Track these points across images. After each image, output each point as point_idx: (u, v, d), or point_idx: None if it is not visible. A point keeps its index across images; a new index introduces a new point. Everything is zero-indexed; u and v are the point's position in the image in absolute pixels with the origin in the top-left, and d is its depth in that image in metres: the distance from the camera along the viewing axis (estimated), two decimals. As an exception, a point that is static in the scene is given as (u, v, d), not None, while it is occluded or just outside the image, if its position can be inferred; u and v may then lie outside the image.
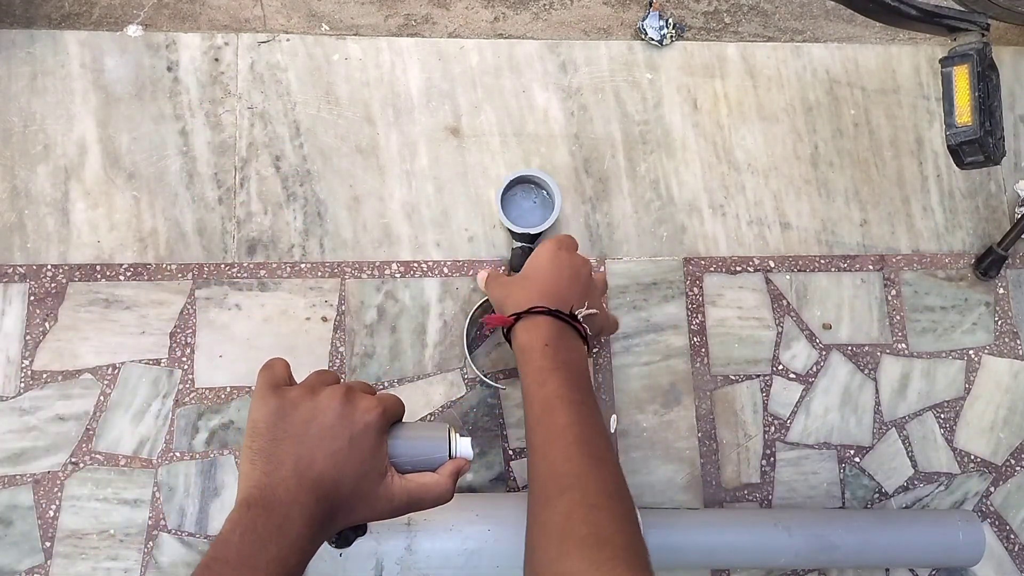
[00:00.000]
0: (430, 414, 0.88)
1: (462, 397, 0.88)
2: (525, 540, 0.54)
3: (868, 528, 0.81)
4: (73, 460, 0.83)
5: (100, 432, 0.84)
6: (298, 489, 0.47)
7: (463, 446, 0.58)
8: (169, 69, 0.93)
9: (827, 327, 0.94)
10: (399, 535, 0.72)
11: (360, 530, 0.57)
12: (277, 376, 0.53)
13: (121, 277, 0.88)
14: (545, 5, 1.01)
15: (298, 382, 0.55)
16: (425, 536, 0.73)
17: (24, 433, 0.84)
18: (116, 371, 0.86)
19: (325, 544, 0.53)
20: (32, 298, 0.87)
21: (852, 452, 0.92)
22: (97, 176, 0.90)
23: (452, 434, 0.58)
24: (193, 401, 0.86)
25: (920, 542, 0.82)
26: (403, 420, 0.58)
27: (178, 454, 0.85)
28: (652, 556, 0.57)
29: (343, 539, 0.56)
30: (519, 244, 0.89)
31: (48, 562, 0.81)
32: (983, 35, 0.80)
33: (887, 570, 0.90)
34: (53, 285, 0.87)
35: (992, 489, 0.93)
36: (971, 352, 0.96)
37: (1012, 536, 0.92)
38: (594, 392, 0.67)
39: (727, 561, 0.82)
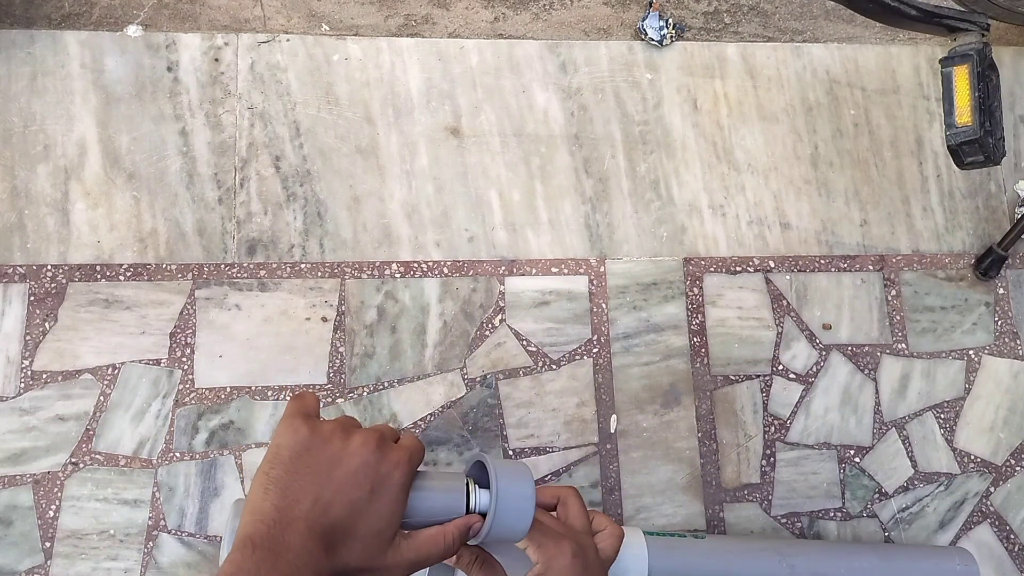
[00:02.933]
0: (430, 414, 0.88)
1: (462, 397, 0.88)
2: None
3: (869, 568, 0.81)
4: (73, 460, 0.83)
5: (100, 432, 0.84)
6: (308, 535, 0.44)
7: (483, 500, 0.53)
8: (169, 69, 0.93)
9: (827, 327, 0.94)
10: None
11: None
12: (309, 407, 0.50)
13: (121, 277, 0.88)
14: (545, 5, 1.02)
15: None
16: None
17: (24, 433, 0.84)
18: (116, 371, 0.86)
19: None
20: (32, 298, 0.87)
21: (852, 452, 0.92)
22: (97, 176, 0.90)
23: (471, 487, 0.54)
24: (193, 401, 0.86)
25: None
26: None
27: (178, 454, 0.85)
28: None
29: None
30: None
31: (48, 562, 0.81)
32: (983, 35, 0.80)
33: None
34: (53, 285, 0.87)
35: (992, 489, 0.93)
36: (971, 352, 0.95)
37: (1012, 536, 0.92)
38: None
39: None
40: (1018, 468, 0.94)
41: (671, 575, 0.77)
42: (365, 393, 0.87)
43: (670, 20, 1.00)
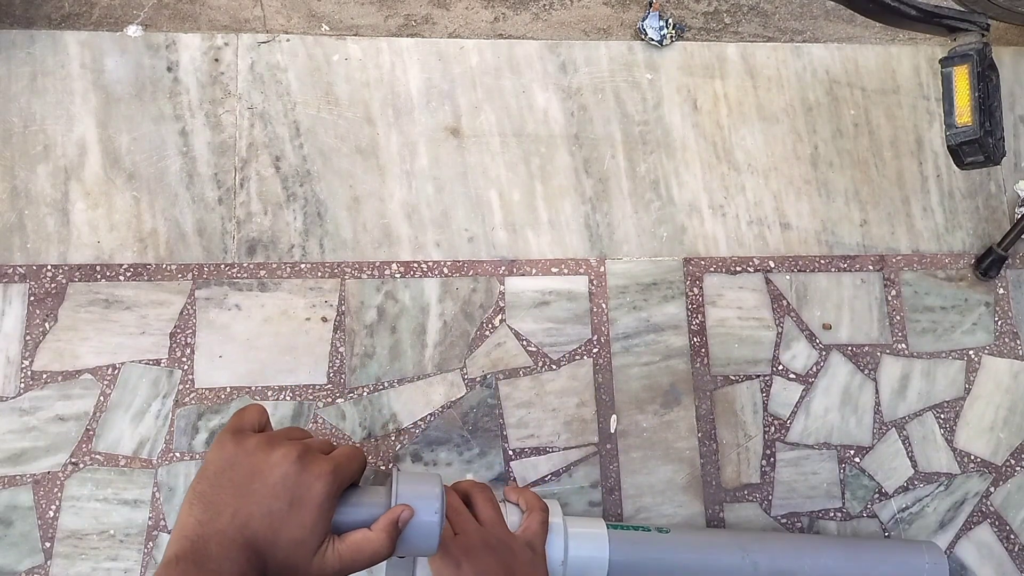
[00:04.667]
0: (430, 414, 0.88)
1: (462, 397, 0.88)
2: None
3: (835, 565, 0.80)
4: (73, 460, 0.83)
5: (100, 432, 0.84)
6: (230, 546, 0.45)
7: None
8: (169, 69, 0.93)
9: (827, 327, 0.94)
10: None
11: None
12: (246, 422, 0.51)
13: (121, 277, 0.88)
14: (545, 5, 1.02)
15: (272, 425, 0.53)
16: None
17: (24, 433, 0.84)
18: (116, 371, 0.86)
19: None
20: (32, 298, 0.87)
21: (852, 452, 0.92)
22: (97, 176, 0.90)
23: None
24: (193, 401, 0.86)
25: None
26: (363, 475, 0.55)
27: (178, 454, 0.85)
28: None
29: None
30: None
31: (48, 562, 0.81)
32: (983, 35, 0.81)
33: None
34: (53, 285, 0.87)
35: (992, 489, 0.93)
36: (971, 352, 0.96)
37: (1012, 536, 0.92)
38: None
39: None
40: (1018, 468, 0.94)
41: (632, 568, 0.77)
42: (365, 393, 0.87)
43: (670, 20, 1.00)
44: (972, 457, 0.93)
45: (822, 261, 0.96)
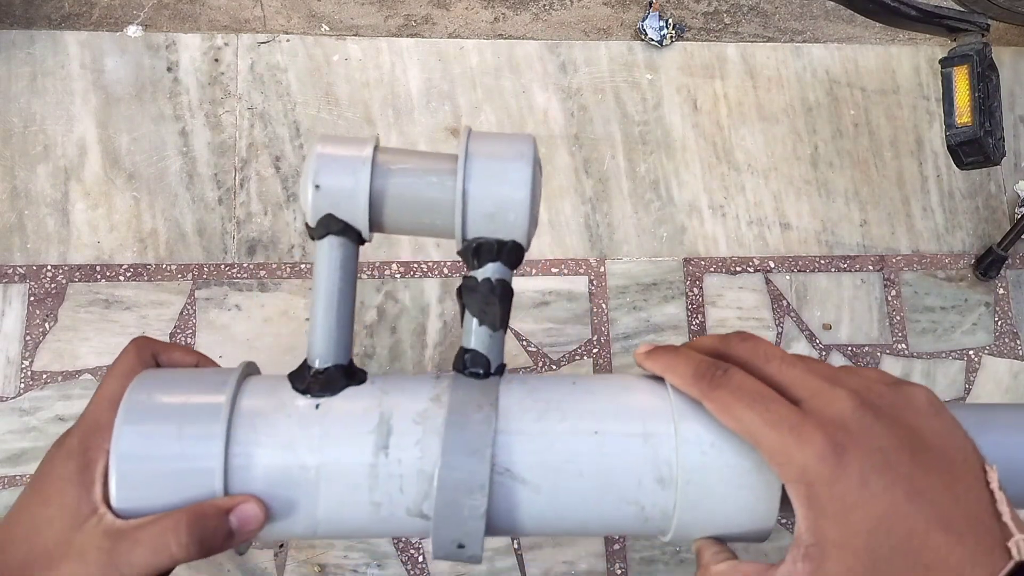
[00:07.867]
0: (430, 414, 0.88)
1: (462, 397, 0.88)
2: None
3: None
4: (73, 460, 0.83)
5: (100, 432, 0.84)
6: None
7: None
8: (169, 69, 0.93)
9: (827, 327, 0.94)
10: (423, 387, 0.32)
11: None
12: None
13: (121, 278, 0.88)
14: (545, 5, 1.02)
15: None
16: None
17: (24, 433, 0.84)
18: (116, 371, 0.86)
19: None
20: (32, 298, 0.87)
21: (852, 452, 0.92)
22: (97, 176, 0.90)
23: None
24: (193, 401, 0.86)
25: None
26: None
27: (178, 454, 0.84)
28: None
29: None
30: None
31: (48, 562, 0.81)
32: (983, 35, 0.81)
33: None
34: (53, 286, 0.87)
35: (992, 489, 0.93)
36: (971, 352, 0.96)
37: (1012, 536, 0.92)
38: None
39: None
40: (1018, 468, 0.94)
41: None
42: (365, 393, 0.87)
43: (670, 20, 1.00)
44: (972, 457, 0.93)
45: (822, 261, 0.96)
